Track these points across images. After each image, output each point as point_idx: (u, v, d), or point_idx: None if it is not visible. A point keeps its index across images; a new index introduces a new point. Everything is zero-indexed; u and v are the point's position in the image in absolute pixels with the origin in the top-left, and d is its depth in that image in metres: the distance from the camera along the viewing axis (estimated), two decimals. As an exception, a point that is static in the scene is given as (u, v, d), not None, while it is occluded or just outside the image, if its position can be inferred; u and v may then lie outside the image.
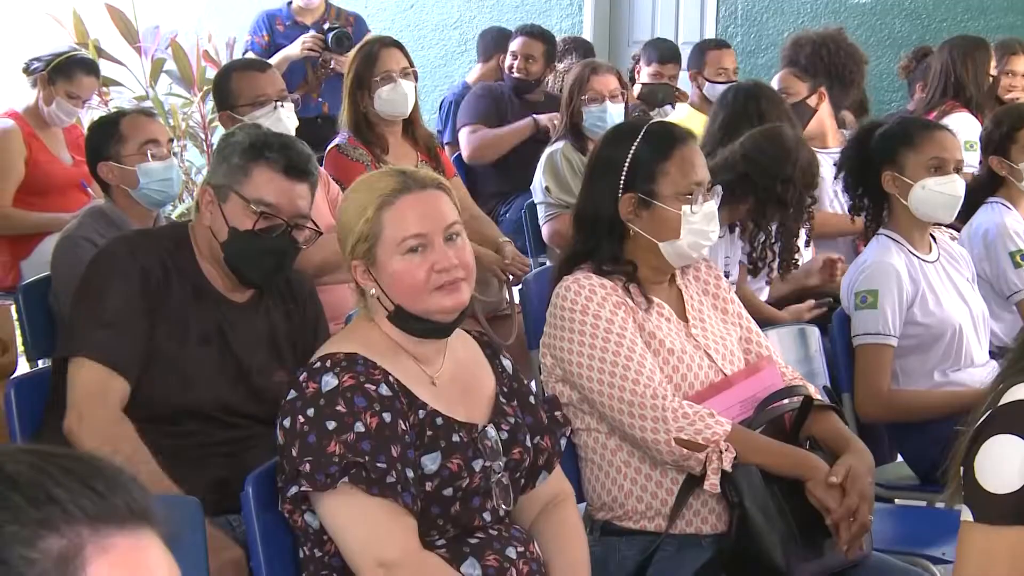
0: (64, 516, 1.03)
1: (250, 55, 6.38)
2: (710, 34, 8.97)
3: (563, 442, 2.74)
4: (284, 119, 4.46)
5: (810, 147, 4.56)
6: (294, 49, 6.55)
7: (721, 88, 5.67)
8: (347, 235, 2.54)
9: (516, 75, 6.69)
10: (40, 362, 3.94)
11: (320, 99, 6.65)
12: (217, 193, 3.03)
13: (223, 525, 2.90)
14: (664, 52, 7.10)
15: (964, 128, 5.42)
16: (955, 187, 3.85)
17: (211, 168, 3.16)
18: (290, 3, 6.89)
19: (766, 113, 4.71)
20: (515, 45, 6.76)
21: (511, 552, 2.51)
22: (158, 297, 2.98)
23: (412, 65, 5.02)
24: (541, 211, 5.56)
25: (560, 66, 7.09)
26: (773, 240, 4.33)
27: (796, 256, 4.40)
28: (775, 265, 4.38)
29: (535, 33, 6.84)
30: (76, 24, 8.21)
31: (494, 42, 7.22)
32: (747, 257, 4.38)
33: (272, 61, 6.26)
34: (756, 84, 5.12)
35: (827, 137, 5.51)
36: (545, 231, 5.53)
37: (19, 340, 4.13)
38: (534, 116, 6.44)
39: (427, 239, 2.48)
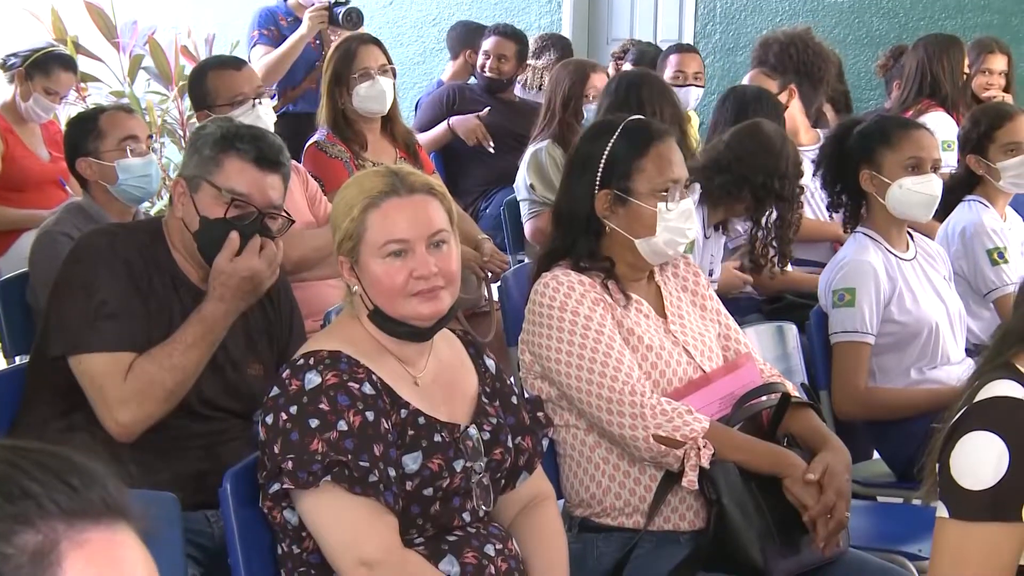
0: (39, 511, 1.03)
1: (260, 48, 6.29)
2: (688, 32, 8.98)
3: (545, 443, 2.74)
4: (263, 116, 4.43)
5: (790, 139, 4.61)
6: (304, 28, 6.44)
7: (682, 92, 5.79)
8: (336, 231, 2.54)
9: (488, 75, 6.69)
10: (17, 358, 3.93)
11: None
12: (189, 184, 3.02)
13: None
14: (639, 57, 7.11)
15: (940, 128, 5.43)
16: (932, 186, 3.86)
17: (183, 160, 3.15)
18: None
19: (646, 102, 4.71)
20: (488, 44, 6.75)
21: (489, 549, 2.51)
22: (142, 289, 2.97)
23: (390, 62, 5.01)
24: (524, 208, 5.54)
25: (538, 63, 7.08)
26: (772, 236, 4.37)
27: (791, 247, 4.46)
28: (776, 260, 4.41)
29: (508, 33, 6.83)
30: (54, 20, 8.16)
31: (460, 38, 7.19)
32: (748, 255, 4.42)
33: (287, 44, 6.18)
34: (641, 73, 5.16)
35: (799, 134, 5.53)
36: (528, 228, 5.52)
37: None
38: (449, 123, 6.45)
39: (409, 245, 2.48)
